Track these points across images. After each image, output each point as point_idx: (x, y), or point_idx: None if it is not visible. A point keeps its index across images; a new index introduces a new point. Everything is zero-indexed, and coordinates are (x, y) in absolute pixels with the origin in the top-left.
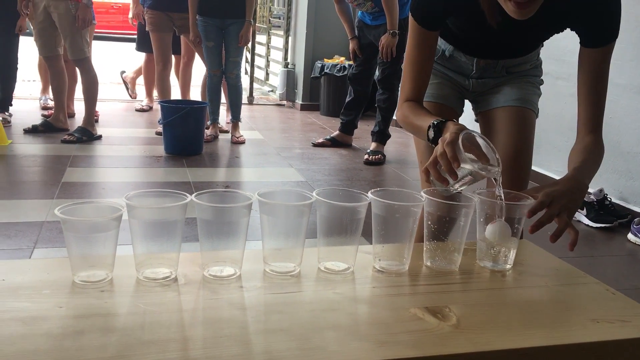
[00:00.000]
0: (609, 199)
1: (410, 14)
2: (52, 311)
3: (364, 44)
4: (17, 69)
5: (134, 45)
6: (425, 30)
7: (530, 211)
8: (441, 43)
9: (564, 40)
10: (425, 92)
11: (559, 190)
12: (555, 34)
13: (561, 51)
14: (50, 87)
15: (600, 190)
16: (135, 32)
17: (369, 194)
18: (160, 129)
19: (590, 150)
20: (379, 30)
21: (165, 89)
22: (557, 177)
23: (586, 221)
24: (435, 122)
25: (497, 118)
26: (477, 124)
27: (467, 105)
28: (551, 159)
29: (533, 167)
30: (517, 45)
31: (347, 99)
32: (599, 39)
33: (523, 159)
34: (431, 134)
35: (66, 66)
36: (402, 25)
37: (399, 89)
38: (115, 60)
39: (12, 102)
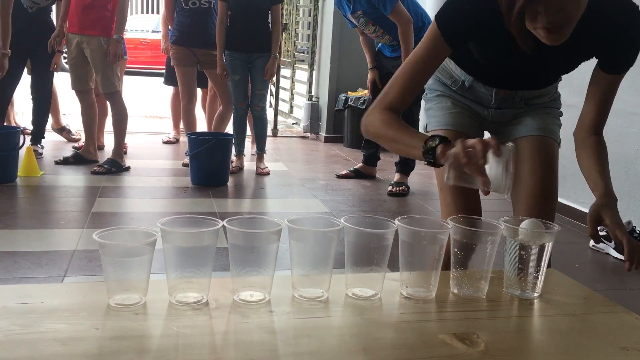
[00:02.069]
0: (637, 231)
1: (435, 20)
2: (89, 332)
3: (382, 75)
4: (50, 103)
5: (161, 79)
6: (444, 43)
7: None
8: (460, 74)
9: (589, 72)
10: (444, 121)
11: (617, 216)
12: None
13: (586, 83)
14: (58, 115)
15: (628, 223)
16: (164, 66)
17: (396, 221)
18: (186, 160)
19: (602, 153)
20: (397, 62)
21: (190, 122)
22: (584, 210)
23: (614, 253)
24: (441, 135)
25: (520, 148)
26: None
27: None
28: (578, 191)
29: (559, 199)
30: (541, 75)
31: None
32: (618, 68)
33: (549, 189)
34: (433, 143)
35: (97, 100)
36: None
37: (383, 93)
38: (143, 94)
39: (44, 135)
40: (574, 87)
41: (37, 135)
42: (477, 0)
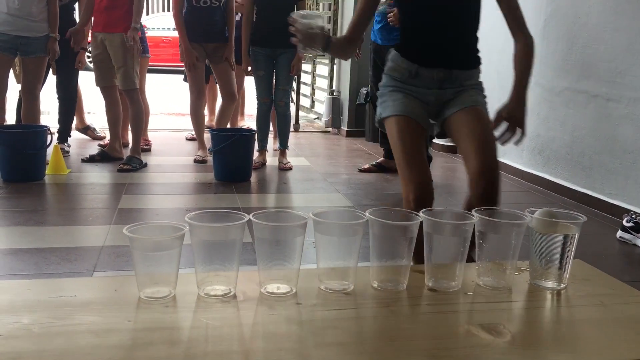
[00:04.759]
0: None
1: None
2: (122, 324)
3: (380, 64)
4: (75, 102)
5: (182, 77)
6: None
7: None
8: (407, 65)
9: (614, 61)
10: (397, 109)
11: (511, 107)
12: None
13: (612, 73)
14: (82, 115)
15: None
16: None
17: (421, 213)
18: (197, 157)
19: (523, 58)
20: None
21: (199, 117)
22: (611, 201)
23: None
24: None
25: (459, 117)
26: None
27: None
28: (604, 182)
29: (585, 190)
30: (453, 33)
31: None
32: None
33: (487, 135)
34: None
35: (121, 97)
36: None
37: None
38: (166, 92)
39: (71, 134)
40: (602, 76)
41: (64, 134)
42: None
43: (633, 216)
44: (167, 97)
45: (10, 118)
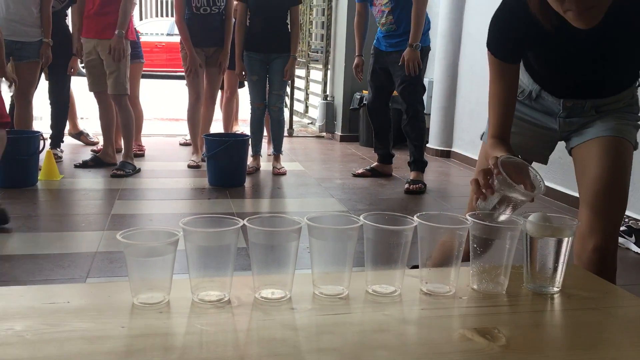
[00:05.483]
0: None
1: (487, 48)
2: (115, 331)
3: (378, 69)
4: (68, 107)
5: (176, 82)
6: (503, 63)
7: None
8: (529, 83)
9: None
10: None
11: None
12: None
13: None
14: (75, 120)
15: None
16: (179, 69)
17: (415, 218)
18: (191, 162)
19: None
20: (391, 56)
21: (195, 121)
22: None
23: (635, 248)
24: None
25: (589, 150)
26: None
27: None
28: None
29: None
30: (604, 75)
31: (373, 133)
32: None
33: (615, 192)
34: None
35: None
36: (421, 54)
37: (488, 124)
38: (160, 97)
39: (64, 139)
40: None
41: (56, 139)
42: (509, 14)
43: (626, 220)
44: (161, 102)
45: None
